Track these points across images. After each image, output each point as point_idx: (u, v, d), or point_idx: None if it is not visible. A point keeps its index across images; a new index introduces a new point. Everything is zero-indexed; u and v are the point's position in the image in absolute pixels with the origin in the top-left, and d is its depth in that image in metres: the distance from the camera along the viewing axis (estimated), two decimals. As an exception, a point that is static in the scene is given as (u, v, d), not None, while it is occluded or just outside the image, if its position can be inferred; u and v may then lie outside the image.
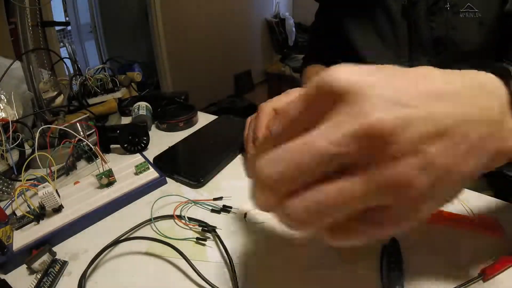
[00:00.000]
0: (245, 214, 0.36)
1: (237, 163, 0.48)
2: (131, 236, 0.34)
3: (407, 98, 0.15)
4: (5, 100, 0.54)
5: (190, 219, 0.35)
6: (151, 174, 0.43)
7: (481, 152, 0.17)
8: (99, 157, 0.41)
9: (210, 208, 0.38)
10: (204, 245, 0.33)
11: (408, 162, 0.15)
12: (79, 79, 0.67)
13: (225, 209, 0.37)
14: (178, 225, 0.35)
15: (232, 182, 0.43)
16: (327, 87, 0.16)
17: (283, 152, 0.16)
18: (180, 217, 0.36)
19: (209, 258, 0.31)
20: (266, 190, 0.17)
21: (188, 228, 0.35)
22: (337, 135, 0.15)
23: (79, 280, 0.29)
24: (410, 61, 0.54)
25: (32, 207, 0.35)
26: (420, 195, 0.16)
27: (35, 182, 0.40)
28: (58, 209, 0.36)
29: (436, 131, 0.15)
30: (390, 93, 0.15)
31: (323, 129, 0.15)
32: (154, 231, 0.35)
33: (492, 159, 0.18)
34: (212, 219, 0.36)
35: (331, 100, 0.16)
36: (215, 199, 0.39)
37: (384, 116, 0.14)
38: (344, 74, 0.16)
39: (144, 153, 0.50)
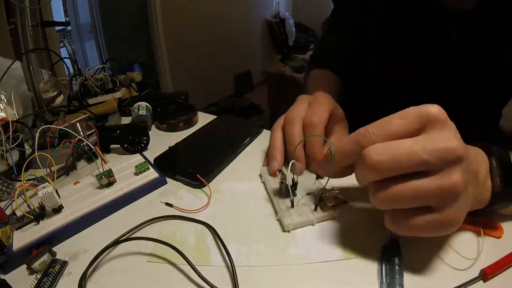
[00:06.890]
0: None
1: (238, 163, 0.48)
2: (131, 236, 0.34)
3: (460, 140, 0.25)
4: (5, 100, 0.54)
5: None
6: (151, 174, 0.43)
7: (471, 195, 0.26)
8: (99, 157, 0.41)
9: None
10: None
11: (460, 174, 0.24)
12: (79, 79, 0.67)
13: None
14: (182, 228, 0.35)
15: (234, 182, 0.43)
16: (426, 116, 0.25)
17: (392, 148, 0.25)
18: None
19: (210, 259, 0.31)
20: (369, 170, 0.25)
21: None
22: (432, 148, 0.24)
23: (79, 280, 0.29)
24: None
25: (32, 207, 0.35)
26: (458, 193, 0.24)
27: (35, 182, 0.40)
28: (58, 209, 0.36)
29: (467, 168, 0.25)
30: (456, 131, 0.26)
31: (422, 142, 0.24)
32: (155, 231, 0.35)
33: (473, 205, 0.29)
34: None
35: (424, 122, 0.25)
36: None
37: (460, 145, 0.24)
38: (437, 109, 0.26)
39: (144, 153, 0.50)
